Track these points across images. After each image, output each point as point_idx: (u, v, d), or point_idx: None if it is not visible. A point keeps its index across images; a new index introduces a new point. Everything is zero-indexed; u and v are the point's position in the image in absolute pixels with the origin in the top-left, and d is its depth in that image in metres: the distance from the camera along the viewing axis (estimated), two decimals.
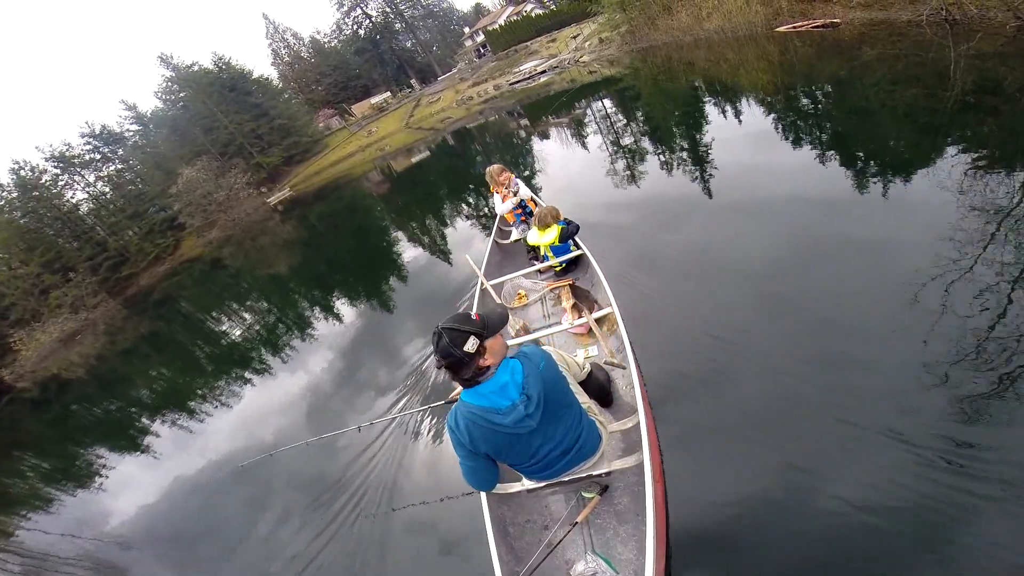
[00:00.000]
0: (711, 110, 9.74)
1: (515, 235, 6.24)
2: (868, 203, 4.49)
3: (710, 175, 6.67)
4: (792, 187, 5.35)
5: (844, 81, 8.10)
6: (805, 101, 8.39)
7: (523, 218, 6.03)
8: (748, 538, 2.47)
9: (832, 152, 5.88)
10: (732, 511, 2.58)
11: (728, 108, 9.29)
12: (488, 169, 6.04)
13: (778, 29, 13.31)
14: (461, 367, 2.15)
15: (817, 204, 4.83)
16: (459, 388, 2.47)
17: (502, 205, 6.02)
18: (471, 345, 2.12)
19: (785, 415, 2.90)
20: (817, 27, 11.67)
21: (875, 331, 3.11)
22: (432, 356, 2.22)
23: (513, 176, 6.03)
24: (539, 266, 5.13)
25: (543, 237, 4.86)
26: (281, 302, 12.39)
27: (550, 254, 4.92)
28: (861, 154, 5.64)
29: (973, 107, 5.59)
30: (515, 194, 5.93)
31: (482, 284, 5.04)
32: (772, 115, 8.08)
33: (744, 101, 9.30)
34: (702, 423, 3.10)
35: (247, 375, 8.45)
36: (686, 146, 8.38)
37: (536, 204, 6.05)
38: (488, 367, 2.22)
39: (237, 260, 22.99)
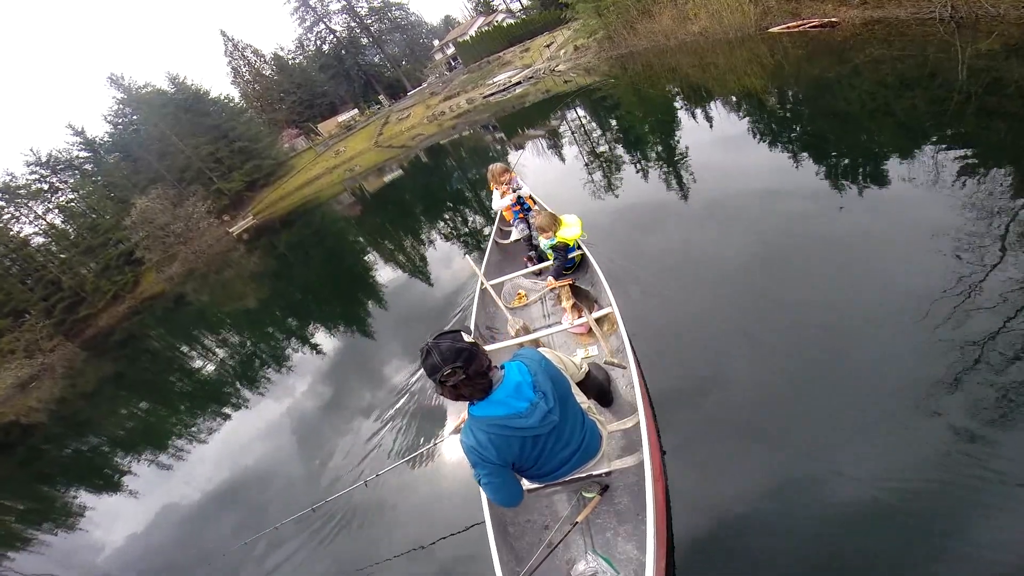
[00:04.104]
0: (700, 118, 9.89)
1: (515, 235, 6.38)
2: (871, 204, 4.67)
3: (710, 179, 6.85)
4: (792, 190, 5.53)
5: (846, 84, 8.09)
6: (802, 107, 8.56)
7: (521, 215, 6.15)
8: (749, 537, 2.60)
9: (835, 155, 6.08)
10: (733, 510, 2.73)
11: (718, 116, 9.46)
12: (490, 167, 6.09)
13: (771, 30, 13.20)
14: (475, 359, 2.13)
15: (817, 206, 5.00)
16: (461, 416, 2.62)
17: (499, 201, 6.13)
18: (468, 337, 2.17)
19: (786, 414, 3.07)
20: (814, 27, 11.56)
21: (876, 331, 3.26)
22: (435, 374, 2.11)
23: (515, 176, 6.10)
24: (539, 266, 5.32)
25: (569, 230, 4.83)
26: (253, 340, 12.29)
27: (549, 255, 5.11)
28: (865, 157, 5.72)
29: (984, 109, 5.58)
30: (514, 191, 6.02)
31: (482, 284, 5.23)
32: (767, 122, 8.27)
33: (736, 108, 9.50)
34: (702, 422, 3.28)
35: (227, 418, 8.30)
36: (680, 152, 8.52)
37: (535, 201, 6.19)
38: (491, 364, 2.27)
39: (202, 296, 22.77)
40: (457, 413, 4.00)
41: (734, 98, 10.18)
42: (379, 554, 3.78)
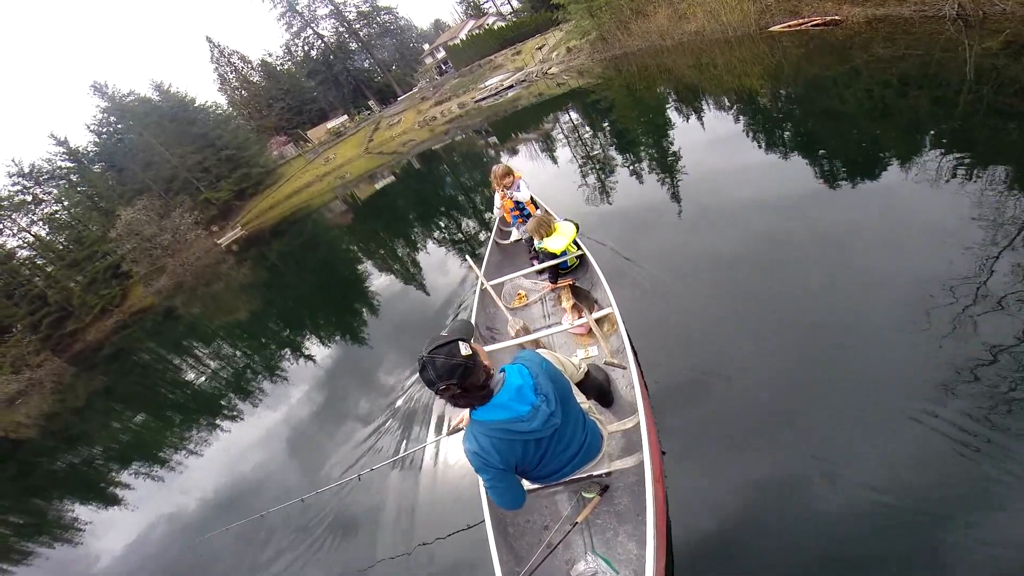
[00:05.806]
0: (697, 119, 9.98)
1: (515, 235, 6.50)
2: (873, 205, 4.70)
3: (709, 179, 6.93)
4: (792, 191, 5.57)
5: (850, 84, 8.03)
6: (802, 107, 8.59)
7: (520, 220, 6.23)
8: (749, 538, 2.65)
9: (837, 156, 6.07)
10: (733, 511, 2.77)
11: (715, 117, 9.56)
12: (493, 168, 6.17)
13: (772, 29, 13.15)
14: (471, 374, 2.11)
15: (817, 207, 5.07)
16: (463, 416, 2.65)
17: (498, 203, 6.30)
18: (465, 349, 2.12)
19: (786, 414, 3.11)
20: (816, 26, 11.47)
21: (876, 331, 3.31)
22: (432, 387, 2.14)
23: (518, 178, 6.13)
24: (539, 266, 5.36)
25: (555, 241, 4.96)
26: (246, 351, 12.32)
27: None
28: (868, 158, 5.71)
29: (994, 109, 5.55)
30: (511, 196, 6.10)
31: (482, 284, 5.32)
32: (766, 123, 8.34)
33: (734, 109, 9.59)
34: (703, 423, 3.34)
35: (221, 427, 8.34)
36: (678, 153, 8.54)
37: (536, 206, 6.26)
38: (491, 370, 2.26)
39: (193, 309, 22.68)
40: (457, 412, 4.08)
41: (731, 99, 10.26)
42: (374, 551, 3.84)
